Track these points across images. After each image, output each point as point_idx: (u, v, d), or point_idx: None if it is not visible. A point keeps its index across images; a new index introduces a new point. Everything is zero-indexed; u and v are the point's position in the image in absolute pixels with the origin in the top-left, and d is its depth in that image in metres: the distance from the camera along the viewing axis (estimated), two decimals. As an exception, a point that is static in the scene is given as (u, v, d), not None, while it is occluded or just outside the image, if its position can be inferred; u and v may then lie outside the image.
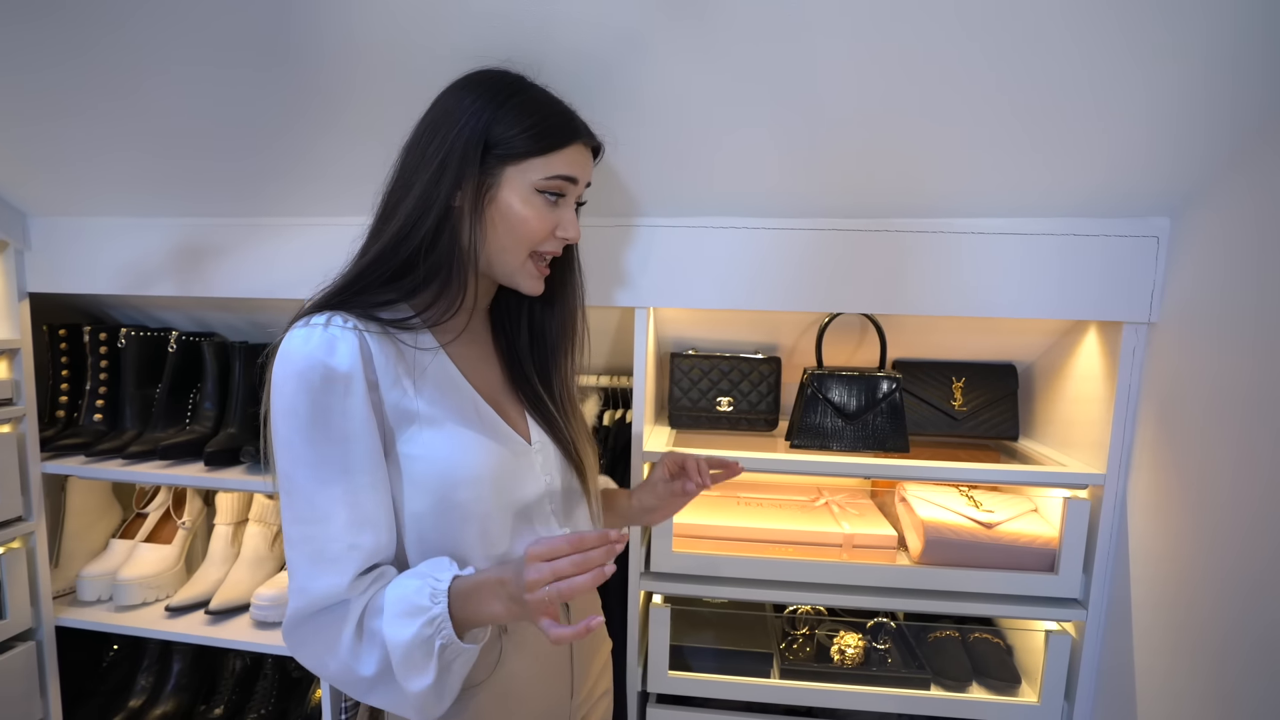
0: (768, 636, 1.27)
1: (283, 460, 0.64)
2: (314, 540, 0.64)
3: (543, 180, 0.71)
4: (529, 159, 0.70)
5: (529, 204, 0.71)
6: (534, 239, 0.72)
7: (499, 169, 0.70)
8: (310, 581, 0.64)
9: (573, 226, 0.74)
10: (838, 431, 1.18)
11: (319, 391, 0.63)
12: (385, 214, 0.72)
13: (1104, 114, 0.85)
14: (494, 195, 0.70)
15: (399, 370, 0.68)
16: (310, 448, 0.63)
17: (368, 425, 0.65)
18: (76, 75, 0.96)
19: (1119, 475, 1.06)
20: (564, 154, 0.72)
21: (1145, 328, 1.03)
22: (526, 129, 0.70)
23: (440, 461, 0.68)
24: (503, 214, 0.71)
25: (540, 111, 0.71)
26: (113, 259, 1.25)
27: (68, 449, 1.34)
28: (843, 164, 0.97)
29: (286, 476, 0.64)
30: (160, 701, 1.42)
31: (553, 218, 0.73)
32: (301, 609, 0.64)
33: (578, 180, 0.74)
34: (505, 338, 0.82)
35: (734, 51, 0.84)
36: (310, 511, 0.64)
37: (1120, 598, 1.05)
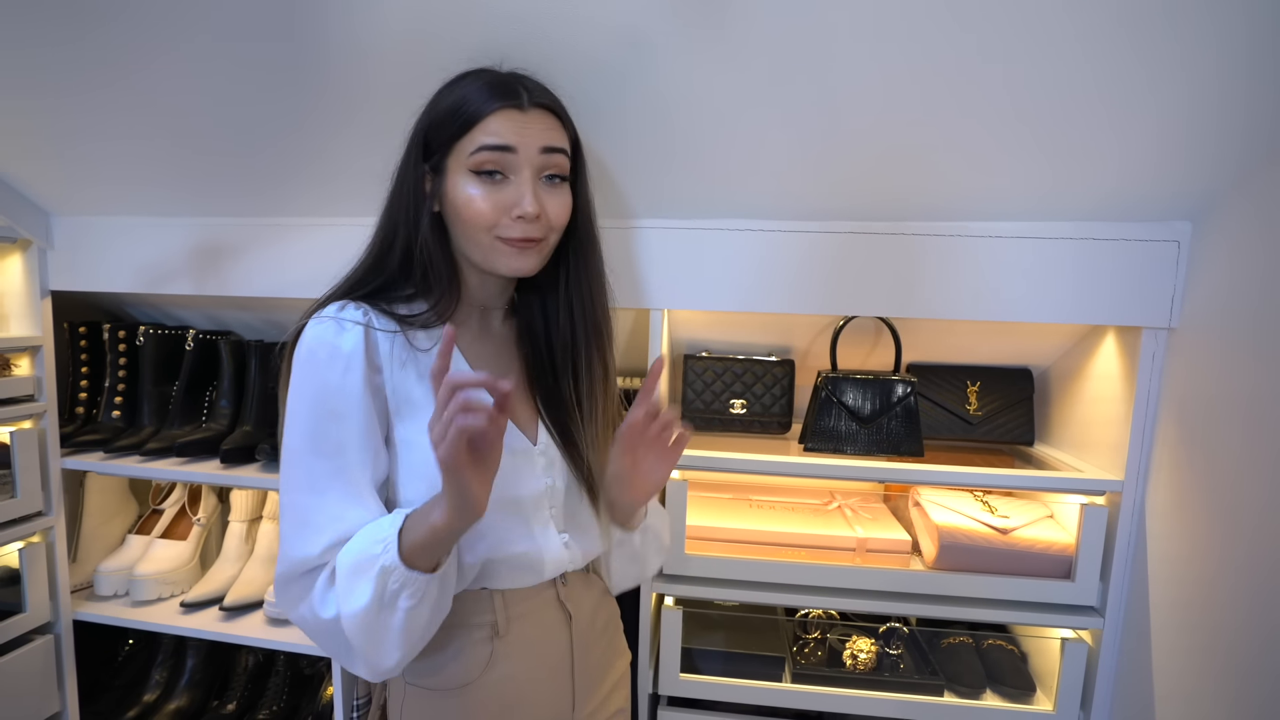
0: (780, 640, 1.27)
1: (286, 432, 0.68)
2: (299, 509, 0.67)
3: (470, 158, 0.68)
4: (456, 141, 0.69)
5: (468, 187, 0.69)
6: (484, 221, 0.68)
7: (443, 164, 0.70)
8: (292, 549, 0.67)
9: (526, 201, 0.68)
10: (852, 435, 1.17)
11: (321, 368, 0.67)
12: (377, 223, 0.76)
13: (1123, 115, 0.85)
14: (443, 190, 0.71)
15: (405, 357, 0.70)
16: (307, 421, 0.67)
17: (363, 405, 0.67)
18: (99, 76, 0.97)
19: (1137, 482, 1.05)
20: (487, 123, 0.68)
21: (1165, 333, 1.02)
22: (445, 117, 0.70)
23: (423, 448, 0.67)
24: (452, 205, 0.70)
25: (466, 90, 0.70)
26: (132, 258, 1.26)
27: (87, 445, 1.35)
28: (859, 166, 0.97)
29: (286, 447, 0.68)
30: (174, 696, 1.43)
31: (499, 197, 0.68)
32: (283, 573, 0.68)
33: (512, 147, 0.67)
34: (531, 339, 0.80)
35: (750, 53, 0.84)
36: (300, 481, 0.67)
37: (1138, 606, 1.04)
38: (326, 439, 0.66)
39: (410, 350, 0.71)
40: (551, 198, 0.71)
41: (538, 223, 0.70)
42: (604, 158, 1.00)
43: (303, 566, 0.66)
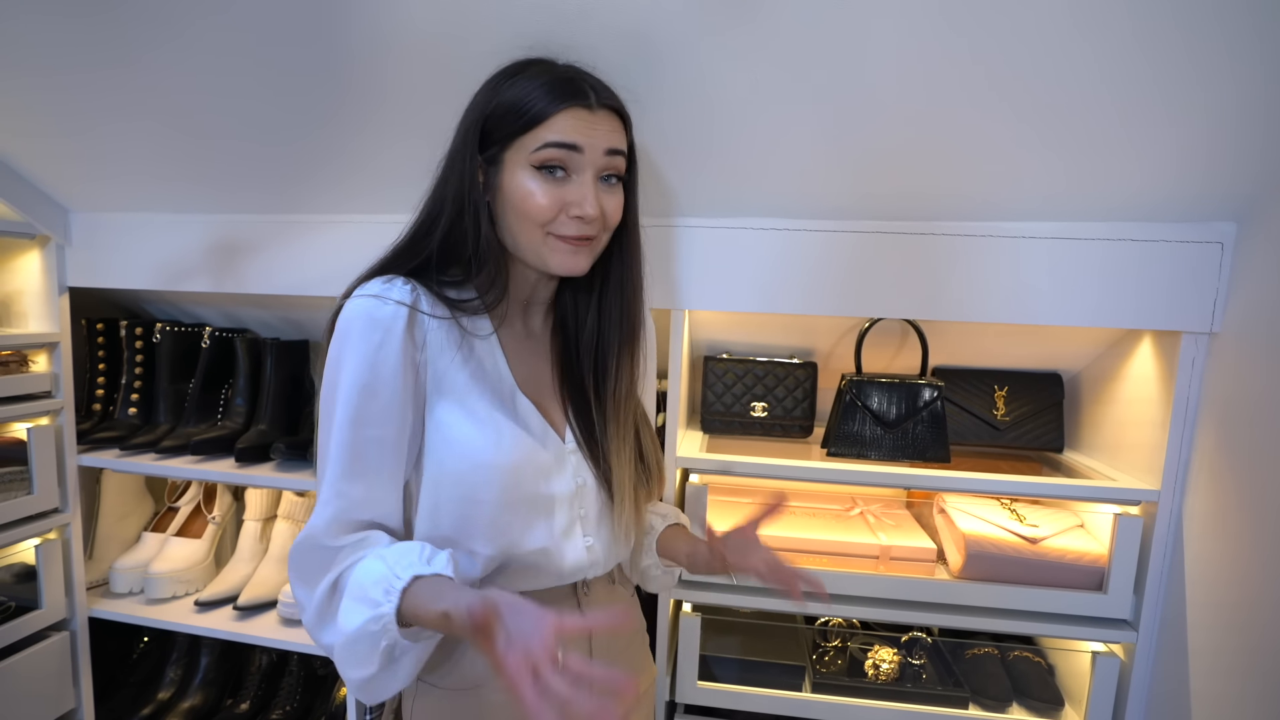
0: (799, 648, 1.24)
1: (320, 400, 0.68)
2: (324, 480, 0.67)
3: (534, 154, 0.67)
4: (519, 136, 0.67)
5: (530, 181, 0.67)
6: (541, 217, 0.67)
7: (500, 156, 0.69)
8: (317, 517, 0.66)
9: (588, 202, 0.67)
10: (876, 440, 1.15)
11: (357, 337, 0.65)
12: (422, 206, 0.73)
13: (1168, 112, 0.82)
14: (500, 184, 0.69)
15: (448, 340, 0.69)
16: (339, 393, 0.66)
17: (395, 381, 0.66)
18: (118, 74, 0.96)
19: (1174, 491, 1.01)
20: (554, 122, 0.66)
21: (1206, 338, 0.98)
22: (511, 108, 0.68)
23: (461, 440, 0.68)
24: (507, 198, 0.69)
25: (527, 86, 0.68)
26: (150, 254, 1.26)
27: (103, 442, 1.35)
28: (887, 164, 0.94)
29: (323, 414, 0.68)
30: (188, 695, 1.43)
31: (559, 194, 0.67)
32: (302, 541, 0.67)
33: (579, 147, 0.67)
34: (564, 336, 0.79)
35: (779, 51, 0.81)
36: (325, 451, 0.67)
37: (1174, 620, 1.00)
38: (353, 413, 0.65)
39: (460, 333, 0.70)
40: (609, 198, 0.71)
41: (593, 223, 0.69)
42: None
43: (309, 540, 0.66)
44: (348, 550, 0.65)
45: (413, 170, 0.74)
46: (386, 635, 0.59)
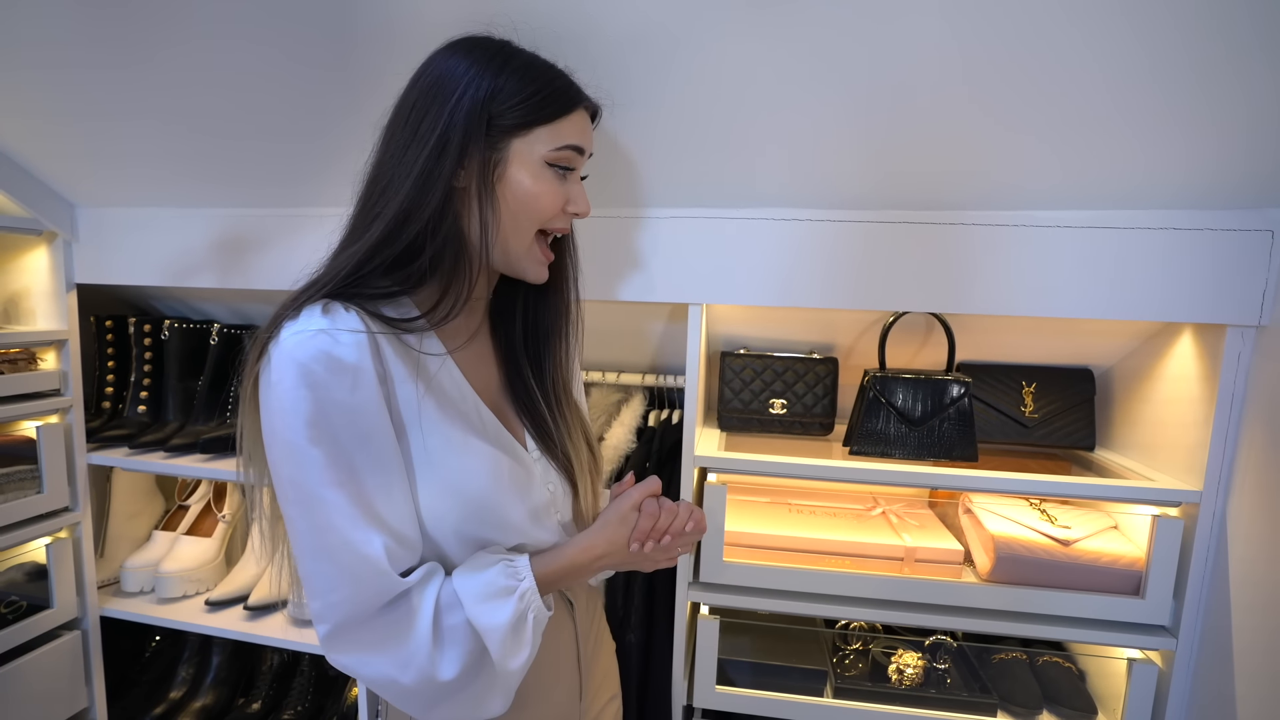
0: (820, 652, 1.21)
1: (286, 463, 0.57)
2: (347, 546, 0.57)
3: (552, 152, 0.66)
4: (535, 129, 0.65)
5: (540, 179, 0.66)
6: (545, 216, 0.68)
7: (505, 143, 0.64)
8: (354, 589, 0.58)
9: (583, 200, 0.70)
10: (901, 438, 1.11)
11: (325, 386, 0.57)
12: (373, 196, 0.65)
13: (1213, 93, 0.77)
14: (502, 172, 0.65)
15: (407, 367, 0.63)
16: (318, 448, 0.57)
17: (381, 421, 0.60)
18: (124, 70, 0.94)
19: (1218, 492, 0.96)
20: (569, 121, 0.67)
21: (1254, 331, 0.93)
22: (529, 96, 0.64)
23: (448, 469, 0.63)
24: (513, 192, 0.65)
25: (542, 77, 0.66)
26: (157, 250, 1.24)
27: (112, 440, 1.34)
28: (911, 150, 0.90)
29: (294, 484, 0.57)
30: (200, 694, 1.42)
31: (563, 192, 0.68)
32: (350, 619, 0.58)
33: (584, 150, 0.70)
34: (503, 334, 0.77)
35: (794, 29, 0.77)
36: (331, 517, 0.57)
37: (1218, 627, 0.96)
38: (339, 466, 0.58)
39: (409, 356, 0.63)
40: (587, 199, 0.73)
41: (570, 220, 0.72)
42: (639, 143, 0.94)
43: (377, 601, 0.58)
44: (420, 585, 0.61)
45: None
46: (534, 608, 0.64)
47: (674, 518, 0.70)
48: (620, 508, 0.70)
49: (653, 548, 0.69)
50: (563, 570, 0.68)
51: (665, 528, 0.70)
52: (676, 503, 0.71)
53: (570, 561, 0.68)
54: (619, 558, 0.70)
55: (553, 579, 0.67)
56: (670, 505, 0.70)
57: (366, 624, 0.59)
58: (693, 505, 0.72)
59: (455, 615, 0.61)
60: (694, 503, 1.06)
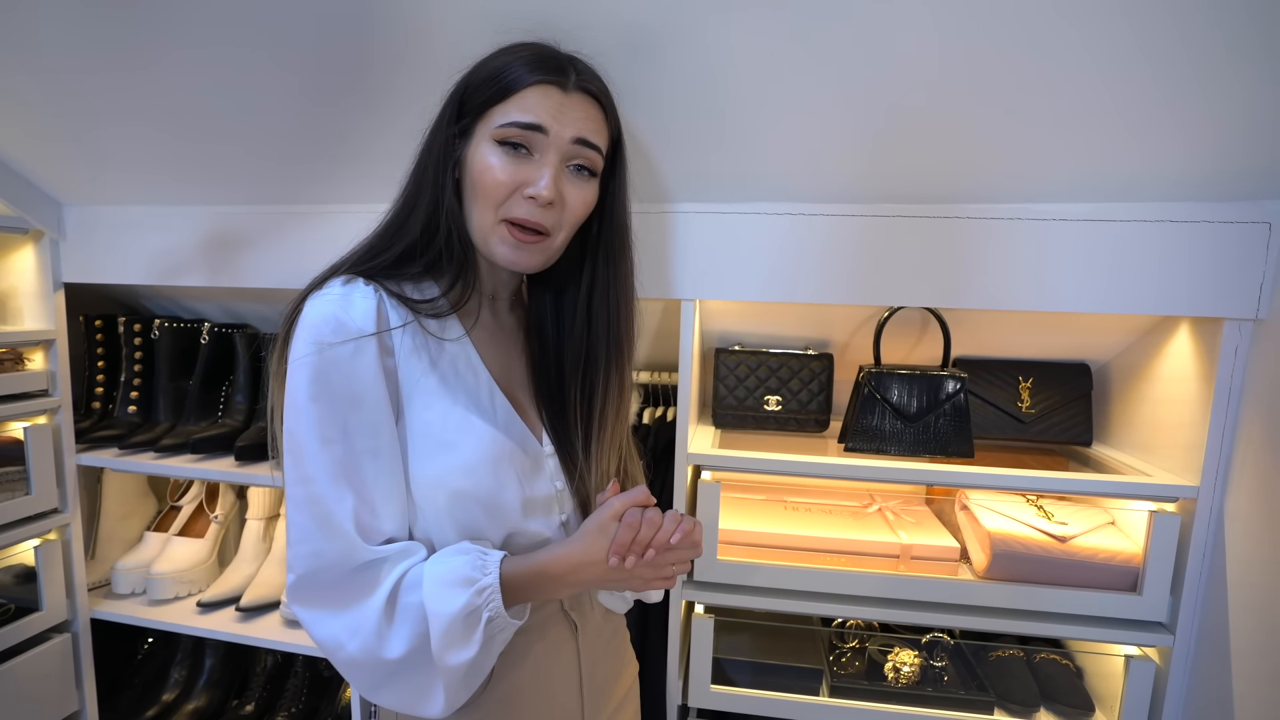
0: (816, 651, 1.20)
1: (289, 416, 0.61)
2: (321, 501, 0.60)
3: (497, 128, 0.64)
4: (487, 110, 0.65)
5: (490, 155, 0.64)
6: (494, 193, 0.64)
7: (470, 131, 0.66)
8: (324, 543, 0.59)
9: (544, 184, 0.63)
10: (896, 434, 1.10)
11: (328, 346, 0.60)
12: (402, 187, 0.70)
13: (1208, 82, 0.76)
14: (463, 155, 0.66)
15: (417, 342, 0.65)
16: (314, 404, 0.60)
17: (376, 389, 0.62)
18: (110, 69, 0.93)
19: (1215, 487, 0.95)
20: (521, 97, 0.63)
21: (1251, 324, 0.92)
22: (486, 80, 0.65)
23: (440, 449, 0.64)
24: (468, 171, 0.66)
25: (511, 59, 0.65)
26: (145, 249, 1.23)
27: (102, 441, 1.33)
28: (907, 144, 0.89)
29: (290, 433, 0.61)
30: (193, 696, 1.41)
31: (517, 172, 0.64)
32: (315, 572, 0.60)
33: (543, 128, 0.63)
34: (541, 341, 0.75)
35: (791, 31, 0.76)
36: (314, 470, 0.60)
37: (1215, 623, 0.95)
38: (333, 424, 0.60)
39: (423, 335, 0.66)
40: (574, 189, 0.66)
41: (549, 210, 0.65)
42: (632, 139, 0.93)
43: (343, 563, 0.59)
44: (394, 559, 0.61)
45: (410, 157, 0.70)
46: (490, 607, 0.60)
47: (656, 530, 0.63)
48: (600, 517, 0.64)
49: (634, 563, 0.63)
50: (534, 576, 0.63)
51: (647, 540, 0.63)
52: (665, 513, 0.65)
53: (543, 568, 0.64)
54: (598, 571, 0.64)
55: (523, 583, 0.63)
56: (654, 516, 0.63)
57: (329, 583, 0.60)
58: (683, 516, 0.65)
59: (413, 595, 0.60)
60: (688, 507, 1.05)
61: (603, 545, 0.63)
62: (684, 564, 0.67)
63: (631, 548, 0.63)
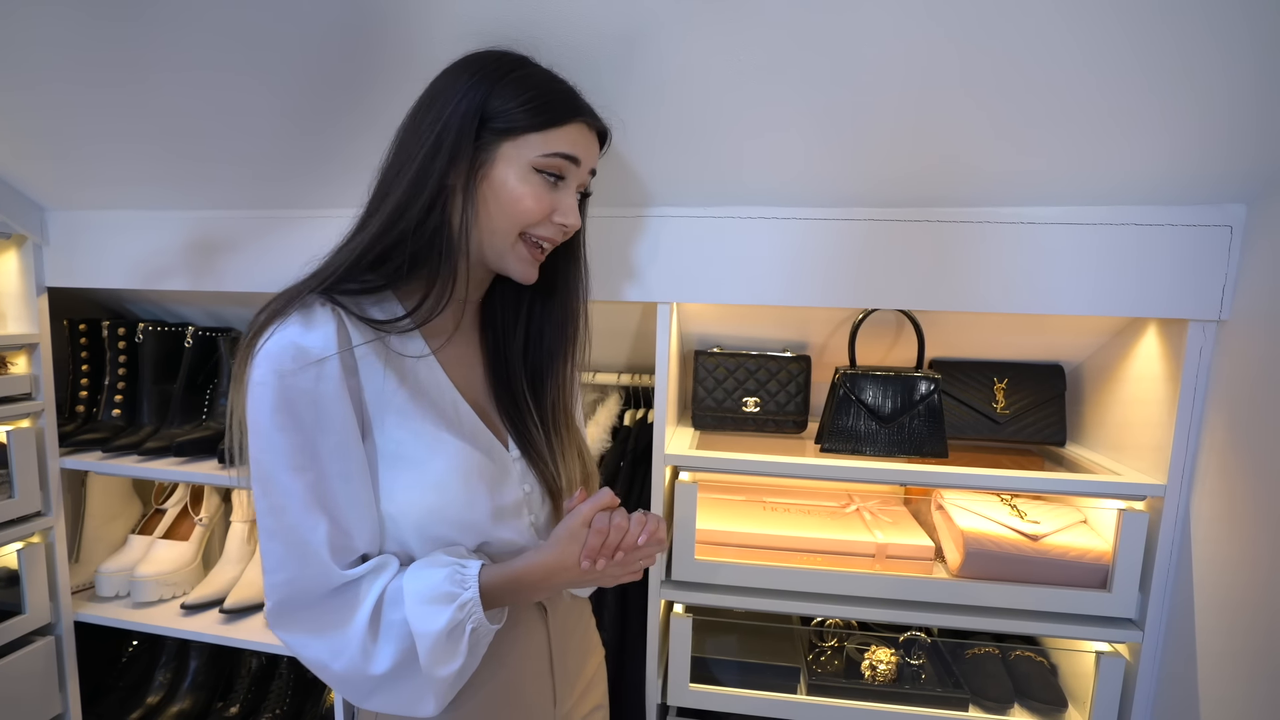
0: (794, 650, 1.21)
1: (255, 445, 0.61)
2: (295, 530, 0.61)
3: (541, 158, 0.67)
4: (526, 134, 0.66)
5: (526, 182, 0.67)
6: (527, 219, 0.68)
7: (495, 145, 0.66)
8: (300, 570, 0.61)
9: (572, 213, 0.70)
10: (871, 435, 1.11)
11: (289, 374, 0.60)
12: (380, 196, 0.68)
13: (1170, 88, 0.77)
14: (488, 171, 0.67)
15: (378, 362, 0.65)
16: (281, 434, 0.60)
17: (343, 411, 0.62)
18: (91, 73, 0.94)
19: (1181, 486, 0.97)
20: (564, 131, 0.68)
21: (1214, 325, 0.94)
22: (524, 103, 0.66)
23: (409, 466, 0.65)
24: (495, 190, 0.67)
25: (540, 86, 0.67)
26: (128, 253, 1.23)
27: (86, 444, 1.33)
28: (880, 148, 0.90)
29: (258, 463, 0.61)
30: (178, 698, 1.41)
31: (550, 200, 0.68)
32: (292, 599, 0.62)
33: (580, 161, 0.69)
34: (494, 336, 0.78)
35: (764, 37, 0.78)
36: (285, 500, 0.61)
37: (1182, 619, 0.96)
38: (301, 451, 0.61)
39: (388, 353, 0.66)
40: (579, 213, 0.72)
41: (568, 233, 0.72)
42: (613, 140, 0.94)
43: (319, 588, 0.61)
44: (370, 576, 0.63)
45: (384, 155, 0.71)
46: (473, 619, 0.63)
47: (623, 534, 0.66)
48: (570, 524, 0.66)
49: (605, 565, 0.65)
50: (511, 584, 0.66)
51: (616, 544, 0.66)
52: (631, 515, 0.67)
53: (518, 577, 0.66)
54: (571, 575, 0.66)
55: (500, 591, 0.65)
56: (620, 521, 0.66)
57: (308, 607, 0.62)
58: (649, 516, 0.68)
59: (395, 611, 0.62)
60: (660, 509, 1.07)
61: (574, 551, 0.66)
62: (650, 559, 0.70)
63: (601, 551, 0.65)
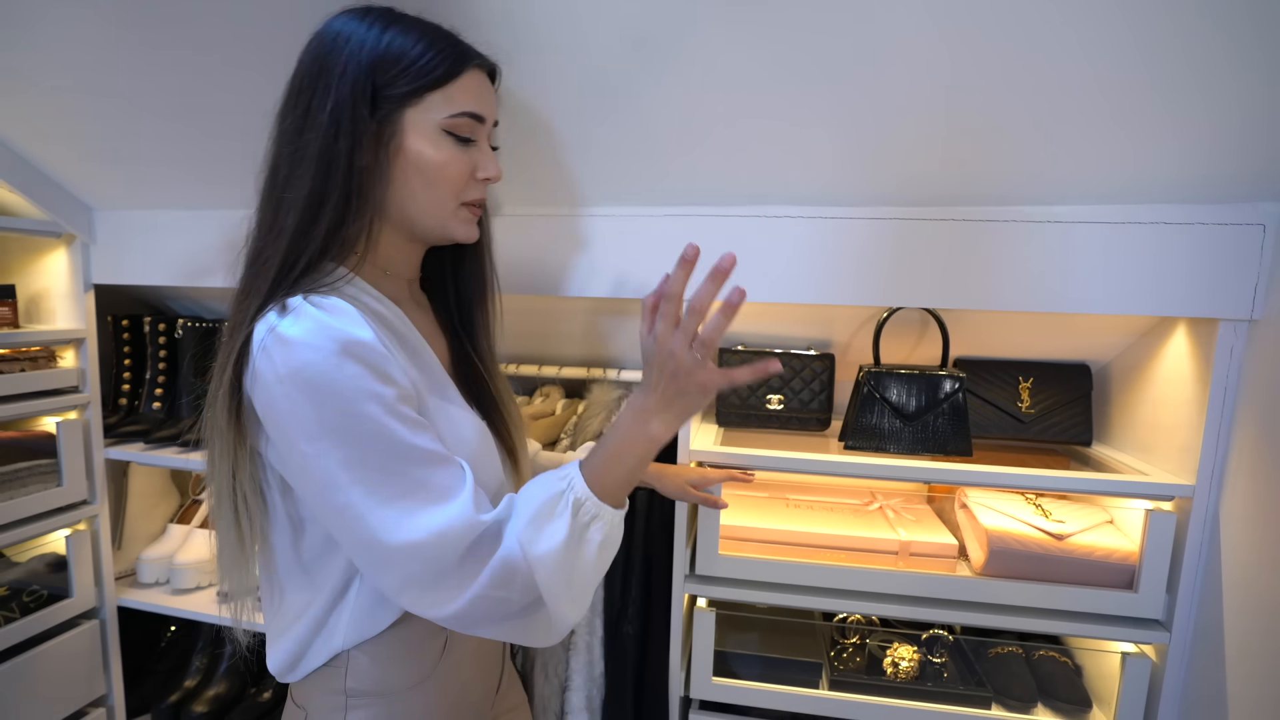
0: (817, 645, 1.22)
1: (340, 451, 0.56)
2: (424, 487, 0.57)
3: (448, 119, 0.64)
4: (426, 94, 0.63)
5: (440, 148, 0.64)
6: (455, 186, 0.66)
7: (397, 115, 0.63)
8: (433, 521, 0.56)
9: (492, 164, 0.68)
10: (895, 433, 1.12)
11: (366, 357, 0.57)
12: (276, 186, 0.64)
13: (1205, 85, 0.77)
14: (399, 145, 0.63)
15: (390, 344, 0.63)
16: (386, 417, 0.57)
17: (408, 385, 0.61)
18: (139, 76, 0.97)
19: (1211, 487, 0.97)
20: (461, 84, 0.64)
21: (1246, 325, 0.93)
22: (414, 60, 0.62)
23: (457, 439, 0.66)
24: (415, 165, 0.64)
25: (424, 38, 0.63)
26: (171, 251, 1.28)
27: (129, 436, 1.38)
28: (907, 147, 0.91)
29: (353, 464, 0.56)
30: (213, 683, 1.46)
31: (469, 159, 0.67)
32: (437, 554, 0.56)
33: (484, 118, 0.67)
34: (439, 306, 0.79)
35: (787, 23, 0.79)
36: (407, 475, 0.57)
37: (1210, 621, 0.96)
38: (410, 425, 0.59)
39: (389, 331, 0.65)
40: (497, 162, 0.71)
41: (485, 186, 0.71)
42: (631, 143, 0.96)
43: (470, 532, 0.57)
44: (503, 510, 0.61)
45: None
46: (574, 490, 0.60)
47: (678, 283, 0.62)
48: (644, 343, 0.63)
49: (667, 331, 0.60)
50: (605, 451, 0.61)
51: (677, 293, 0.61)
52: None
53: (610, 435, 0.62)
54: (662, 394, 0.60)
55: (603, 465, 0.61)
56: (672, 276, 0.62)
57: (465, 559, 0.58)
58: None
59: None
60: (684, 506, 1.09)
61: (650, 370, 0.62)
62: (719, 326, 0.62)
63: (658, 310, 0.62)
